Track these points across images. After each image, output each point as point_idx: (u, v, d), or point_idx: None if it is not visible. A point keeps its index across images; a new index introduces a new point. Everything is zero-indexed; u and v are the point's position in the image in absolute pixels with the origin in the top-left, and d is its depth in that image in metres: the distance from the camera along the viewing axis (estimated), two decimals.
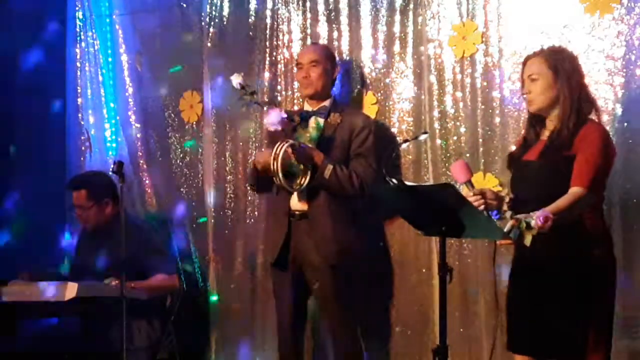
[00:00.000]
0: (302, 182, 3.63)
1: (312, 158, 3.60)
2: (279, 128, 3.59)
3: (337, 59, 4.03)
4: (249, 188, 4.21)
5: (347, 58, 4.17)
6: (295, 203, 3.72)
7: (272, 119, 3.57)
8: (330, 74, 3.82)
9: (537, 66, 2.96)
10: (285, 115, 3.60)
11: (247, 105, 3.71)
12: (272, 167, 3.52)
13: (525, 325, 2.98)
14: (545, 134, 3.01)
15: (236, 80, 3.62)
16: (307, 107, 3.85)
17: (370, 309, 4.00)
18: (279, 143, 3.54)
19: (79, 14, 5.06)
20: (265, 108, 3.66)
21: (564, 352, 2.87)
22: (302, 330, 3.89)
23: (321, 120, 3.77)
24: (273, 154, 3.51)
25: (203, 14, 4.64)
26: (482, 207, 2.96)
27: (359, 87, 4.12)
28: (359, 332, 3.80)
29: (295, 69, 4.08)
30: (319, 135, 3.73)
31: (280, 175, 3.53)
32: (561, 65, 2.94)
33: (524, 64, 3.04)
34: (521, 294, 3.02)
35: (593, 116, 2.98)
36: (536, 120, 3.05)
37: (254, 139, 4.46)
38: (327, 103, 3.81)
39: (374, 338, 4.02)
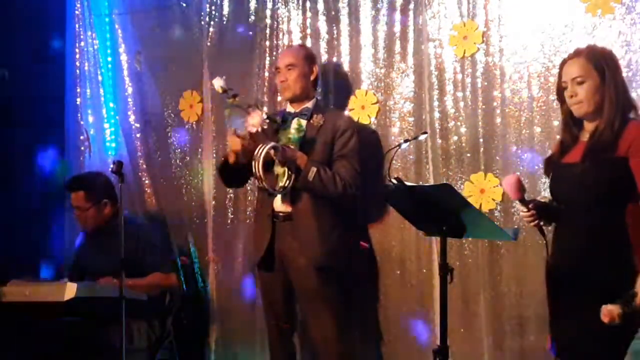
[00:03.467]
0: (285, 185, 3.63)
1: (295, 160, 3.60)
2: (260, 130, 3.59)
3: (325, 56, 4.02)
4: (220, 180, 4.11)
5: (347, 58, 4.16)
6: (279, 205, 3.72)
7: (253, 120, 3.58)
8: (308, 75, 3.82)
9: (582, 68, 2.81)
10: (266, 117, 3.62)
11: (230, 107, 3.73)
12: (254, 169, 3.52)
13: (567, 334, 2.84)
14: (585, 136, 2.87)
15: (218, 83, 3.63)
16: (290, 109, 3.86)
17: (358, 310, 3.99)
18: (260, 145, 3.54)
19: (78, 14, 5.05)
20: (248, 110, 3.65)
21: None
22: (291, 332, 3.88)
23: (303, 122, 3.77)
24: (255, 155, 3.51)
25: (203, 13, 4.64)
26: (534, 223, 2.88)
27: (359, 86, 4.12)
28: (346, 332, 3.78)
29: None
30: (302, 136, 3.73)
31: (263, 177, 3.53)
32: (606, 65, 2.80)
33: (562, 66, 2.90)
34: (562, 304, 2.87)
35: (632, 115, 2.85)
36: (574, 122, 2.92)
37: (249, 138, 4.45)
38: (309, 104, 3.82)
39: (363, 339, 4.01)
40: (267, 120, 3.65)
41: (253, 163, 3.51)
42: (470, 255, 3.80)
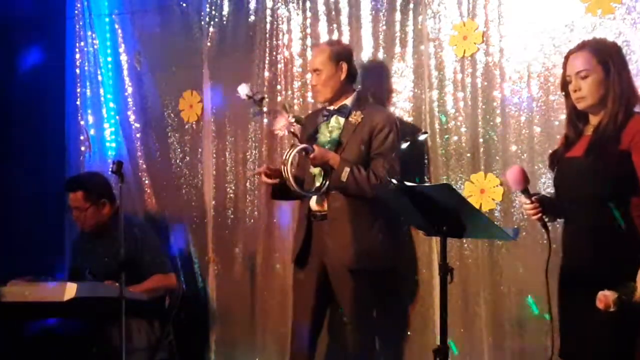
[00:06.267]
0: (321, 185, 3.62)
1: (327, 161, 3.58)
2: (286, 133, 3.60)
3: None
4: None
5: None
6: (315, 204, 3.70)
7: (279, 125, 3.60)
8: (336, 76, 3.73)
9: (586, 62, 2.78)
10: (292, 120, 3.60)
11: (256, 114, 3.76)
12: (283, 172, 3.51)
13: (574, 334, 2.82)
14: (589, 130, 2.84)
15: (243, 91, 3.65)
16: (329, 107, 3.81)
17: (390, 313, 3.97)
18: (288, 148, 3.53)
19: (78, 13, 5.06)
20: (274, 115, 3.68)
21: None
22: (317, 333, 3.82)
23: (341, 120, 3.73)
24: (283, 159, 3.51)
25: (203, 13, 4.64)
26: (537, 216, 2.85)
27: (359, 87, 4.11)
28: (375, 339, 3.78)
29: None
30: (339, 135, 3.70)
31: (292, 180, 3.52)
32: (611, 59, 2.77)
33: (566, 59, 2.87)
34: (570, 302, 2.85)
35: (637, 109, 2.81)
36: (578, 117, 2.88)
37: (254, 138, 4.46)
38: (348, 101, 3.75)
39: (388, 340, 4.01)
40: (294, 123, 3.63)
41: (282, 166, 3.51)
42: (470, 255, 3.80)
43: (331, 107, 3.78)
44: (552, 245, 2.87)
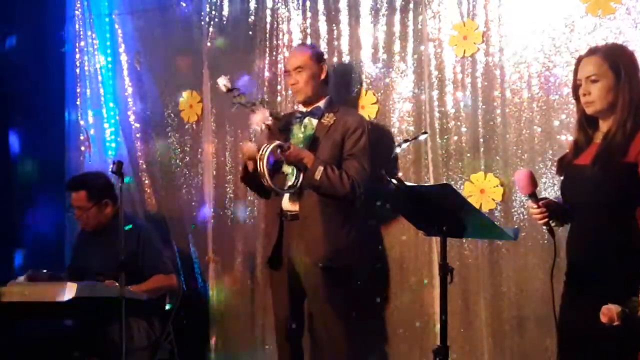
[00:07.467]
0: (293, 184, 3.63)
1: (302, 159, 3.59)
2: (262, 127, 3.62)
3: (326, 56, 3.99)
4: (247, 188, 4.18)
5: (347, 58, 4.16)
6: (287, 204, 3.72)
7: (256, 118, 3.61)
8: (318, 76, 3.79)
9: (597, 66, 2.74)
10: (269, 115, 3.62)
11: (235, 105, 3.76)
12: (259, 168, 3.52)
13: (576, 346, 2.79)
14: (599, 137, 2.81)
15: (222, 82, 3.66)
16: (302, 108, 3.85)
17: (366, 310, 3.97)
18: (265, 144, 3.54)
19: (78, 14, 5.06)
20: (252, 108, 3.68)
21: None
22: (299, 330, 3.85)
23: (314, 121, 3.76)
24: (259, 154, 3.52)
25: (203, 13, 4.64)
26: (543, 220, 2.81)
27: (358, 86, 4.12)
28: (351, 333, 3.76)
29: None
30: (311, 136, 3.73)
31: (267, 176, 3.53)
32: (623, 65, 2.73)
33: (578, 63, 2.84)
34: (573, 309, 2.82)
35: None
36: (588, 123, 2.84)
37: (253, 139, 4.45)
38: (321, 104, 3.80)
39: (370, 339, 4.01)
40: (271, 118, 3.65)
41: (258, 162, 3.52)
42: (470, 255, 3.80)
43: (304, 109, 3.81)
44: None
